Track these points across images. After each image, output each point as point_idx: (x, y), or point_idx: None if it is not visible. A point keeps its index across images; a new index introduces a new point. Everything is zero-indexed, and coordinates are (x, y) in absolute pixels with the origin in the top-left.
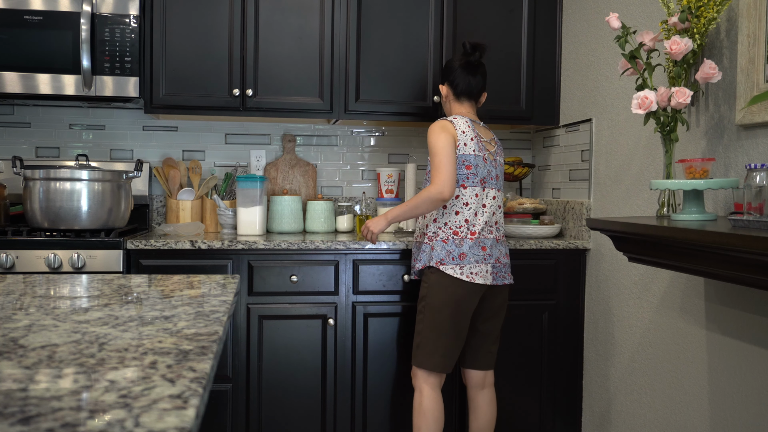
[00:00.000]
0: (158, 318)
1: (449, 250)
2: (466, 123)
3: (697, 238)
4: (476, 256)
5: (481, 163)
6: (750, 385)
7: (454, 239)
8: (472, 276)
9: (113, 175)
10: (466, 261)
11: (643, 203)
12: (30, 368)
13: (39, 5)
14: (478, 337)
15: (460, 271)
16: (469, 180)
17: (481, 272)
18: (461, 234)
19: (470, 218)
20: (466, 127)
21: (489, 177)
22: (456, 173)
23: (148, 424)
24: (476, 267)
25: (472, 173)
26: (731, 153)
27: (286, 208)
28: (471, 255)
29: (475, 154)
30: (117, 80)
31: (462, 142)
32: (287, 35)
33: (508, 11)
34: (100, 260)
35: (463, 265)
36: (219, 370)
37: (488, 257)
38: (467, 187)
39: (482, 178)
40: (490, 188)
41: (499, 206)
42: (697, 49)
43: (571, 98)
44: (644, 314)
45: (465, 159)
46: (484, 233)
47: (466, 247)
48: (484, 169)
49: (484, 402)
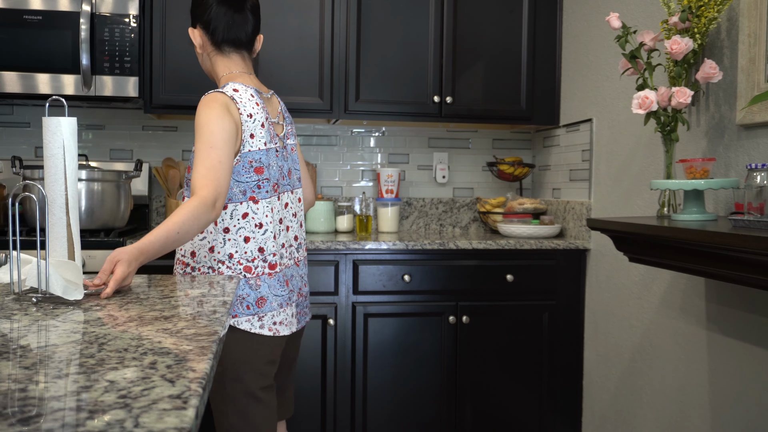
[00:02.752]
0: (158, 318)
1: (241, 295)
2: (252, 100)
3: (698, 238)
4: (279, 297)
5: (273, 160)
6: (750, 385)
7: (246, 279)
8: (275, 327)
9: (113, 175)
10: (267, 307)
11: (644, 203)
12: (30, 368)
13: (39, 5)
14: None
15: (260, 323)
16: (261, 190)
17: (286, 319)
18: (255, 270)
19: (266, 245)
20: (253, 106)
21: (281, 177)
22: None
23: (147, 424)
24: (280, 314)
25: (264, 178)
26: (732, 153)
27: None
28: (272, 298)
29: (267, 149)
30: (116, 80)
31: (248, 132)
32: (287, 35)
33: (508, 11)
34: (99, 260)
35: (262, 314)
36: None
37: (291, 294)
38: (259, 201)
39: (275, 182)
40: (284, 192)
41: (294, 214)
42: (698, 48)
43: (571, 98)
44: (644, 314)
45: (253, 159)
46: (284, 261)
47: (265, 289)
48: (276, 167)
49: None
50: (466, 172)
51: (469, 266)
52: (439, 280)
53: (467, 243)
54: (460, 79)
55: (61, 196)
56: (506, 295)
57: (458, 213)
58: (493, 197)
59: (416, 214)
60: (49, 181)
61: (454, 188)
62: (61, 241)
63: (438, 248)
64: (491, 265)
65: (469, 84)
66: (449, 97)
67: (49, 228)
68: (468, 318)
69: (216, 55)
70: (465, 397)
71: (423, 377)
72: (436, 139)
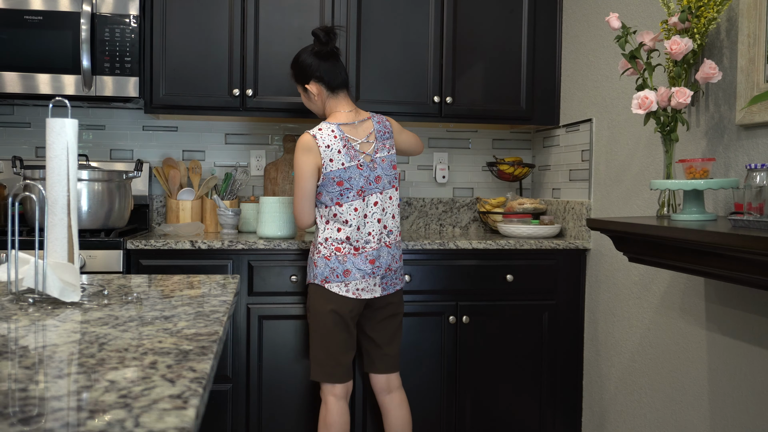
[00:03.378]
0: (158, 318)
1: (333, 267)
2: (331, 134)
3: (697, 238)
4: (362, 271)
5: (355, 173)
6: (750, 385)
7: (336, 256)
8: (358, 292)
9: (113, 175)
10: (351, 277)
11: (643, 203)
12: (30, 368)
13: (39, 5)
14: (370, 343)
15: (346, 289)
16: (343, 197)
17: (368, 287)
18: (343, 251)
19: (353, 234)
20: (332, 138)
21: (368, 183)
22: (312, 203)
23: (148, 424)
24: (362, 282)
25: (345, 188)
26: (731, 153)
27: None
28: (356, 271)
29: (345, 168)
30: (117, 80)
31: (327, 158)
32: (287, 35)
33: (508, 11)
34: (100, 260)
35: (348, 282)
36: (219, 370)
37: (377, 269)
38: (343, 204)
39: (359, 188)
40: (370, 194)
41: (383, 209)
42: (697, 49)
43: (571, 98)
44: (644, 314)
45: (334, 176)
46: (371, 245)
47: (350, 263)
48: (360, 177)
49: (392, 406)
50: (466, 172)
51: (469, 266)
52: (439, 280)
53: (467, 243)
54: (460, 79)
55: (63, 196)
56: (506, 295)
57: (458, 213)
58: (493, 197)
59: (416, 214)
60: (51, 182)
61: (454, 188)
62: (62, 242)
63: (438, 248)
64: (491, 265)
65: (469, 84)
66: (449, 97)
67: (49, 228)
68: (468, 318)
69: (330, 98)
70: (465, 396)
71: (423, 377)
72: (436, 139)
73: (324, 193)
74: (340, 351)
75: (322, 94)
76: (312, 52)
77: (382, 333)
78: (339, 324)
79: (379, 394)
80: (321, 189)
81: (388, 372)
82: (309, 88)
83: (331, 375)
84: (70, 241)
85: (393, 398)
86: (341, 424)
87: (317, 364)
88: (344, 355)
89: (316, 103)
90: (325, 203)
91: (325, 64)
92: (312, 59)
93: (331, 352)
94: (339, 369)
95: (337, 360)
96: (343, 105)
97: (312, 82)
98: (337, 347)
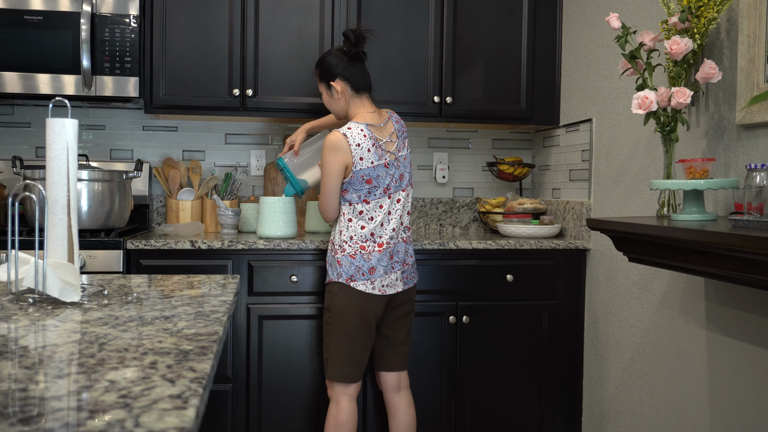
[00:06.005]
0: (158, 318)
1: (358, 265)
2: (361, 133)
3: (697, 238)
4: (385, 267)
5: (382, 171)
6: (750, 385)
7: (361, 254)
8: (384, 289)
9: (113, 175)
10: (377, 275)
11: (643, 203)
12: (30, 368)
13: (39, 5)
14: (384, 341)
15: (372, 286)
16: (371, 194)
17: (392, 282)
18: (368, 248)
19: (376, 231)
20: (362, 137)
21: (393, 181)
22: (338, 199)
23: (148, 424)
24: (386, 279)
25: (373, 186)
26: (731, 153)
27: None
28: (380, 267)
29: (374, 166)
30: (117, 80)
31: (357, 156)
32: (287, 35)
33: (508, 11)
34: (100, 260)
35: (374, 279)
36: (219, 370)
37: (397, 264)
38: (370, 202)
39: (386, 186)
40: (395, 192)
41: (404, 206)
42: (697, 49)
43: (571, 98)
44: (644, 314)
45: (364, 174)
46: (393, 241)
47: (375, 260)
48: (387, 175)
49: (401, 405)
50: (466, 172)
51: (469, 266)
52: (439, 280)
53: (467, 243)
54: (460, 79)
55: (63, 196)
56: (506, 295)
57: (458, 213)
58: (493, 197)
59: (416, 214)
60: (51, 182)
61: (454, 188)
62: (62, 242)
63: (438, 248)
64: (491, 265)
65: (469, 84)
66: (449, 97)
67: (49, 228)
68: (468, 318)
69: (353, 98)
70: (465, 396)
71: (423, 377)
72: (436, 139)
73: (351, 190)
74: (362, 351)
75: (346, 93)
76: (341, 52)
77: (399, 331)
78: (362, 324)
79: (389, 392)
80: (348, 186)
81: (401, 369)
82: (334, 86)
83: (348, 375)
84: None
85: (402, 397)
86: (353, 423)
87: (336, 364)
88: (364, 355)
89: (338, 101)
90: (350, 200)
91: (351, 65)
92: (340, 58)
93: (352, 352)
94: (356, 369)
95: (358, 360)
96: (366, 106)
97: (338, 80)
98: (360, 347)
